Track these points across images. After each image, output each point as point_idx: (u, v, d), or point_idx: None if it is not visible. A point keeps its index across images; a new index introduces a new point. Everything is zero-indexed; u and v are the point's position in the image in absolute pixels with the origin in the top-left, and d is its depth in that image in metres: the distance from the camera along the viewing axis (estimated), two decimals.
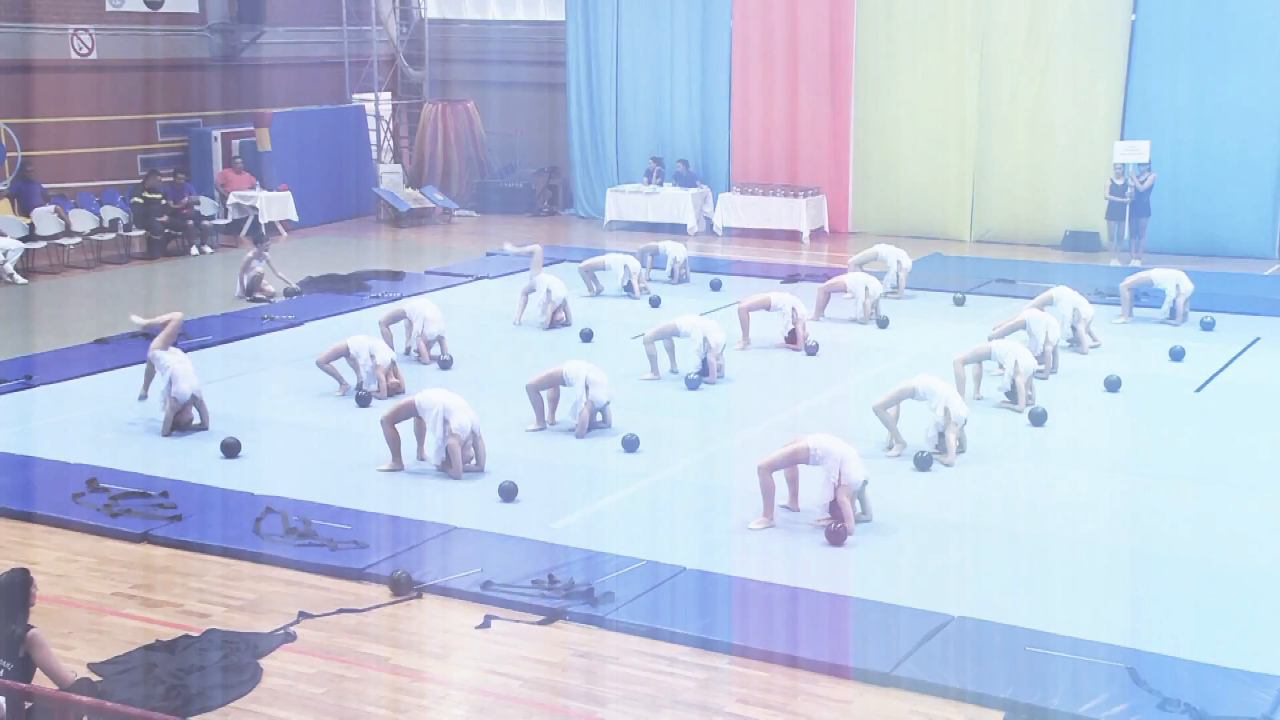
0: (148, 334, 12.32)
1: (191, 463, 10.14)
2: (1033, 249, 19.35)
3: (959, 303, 15.67)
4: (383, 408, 10.77)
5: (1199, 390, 12.16)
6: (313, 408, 11.58)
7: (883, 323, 14.42)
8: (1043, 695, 6.56)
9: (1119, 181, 18.25)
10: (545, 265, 18.28)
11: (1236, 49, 18.31)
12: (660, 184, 21.76)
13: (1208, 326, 14.33)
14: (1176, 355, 13.07)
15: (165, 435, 10.68)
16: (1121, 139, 18.76)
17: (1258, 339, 13.95)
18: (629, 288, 16.14)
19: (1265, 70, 18.27)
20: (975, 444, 10.38)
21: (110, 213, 19.25)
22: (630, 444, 10.44)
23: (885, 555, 8.45)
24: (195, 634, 7.32)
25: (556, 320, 14.39)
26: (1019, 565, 8.29)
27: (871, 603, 7.62)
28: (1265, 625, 7.44)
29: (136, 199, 19.30)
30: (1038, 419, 11.03)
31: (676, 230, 21.27)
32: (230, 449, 10.32)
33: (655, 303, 15.70)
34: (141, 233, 19.24)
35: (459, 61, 24.42)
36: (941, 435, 10.10)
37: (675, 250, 17.01)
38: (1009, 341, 11.85)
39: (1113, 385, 12.00)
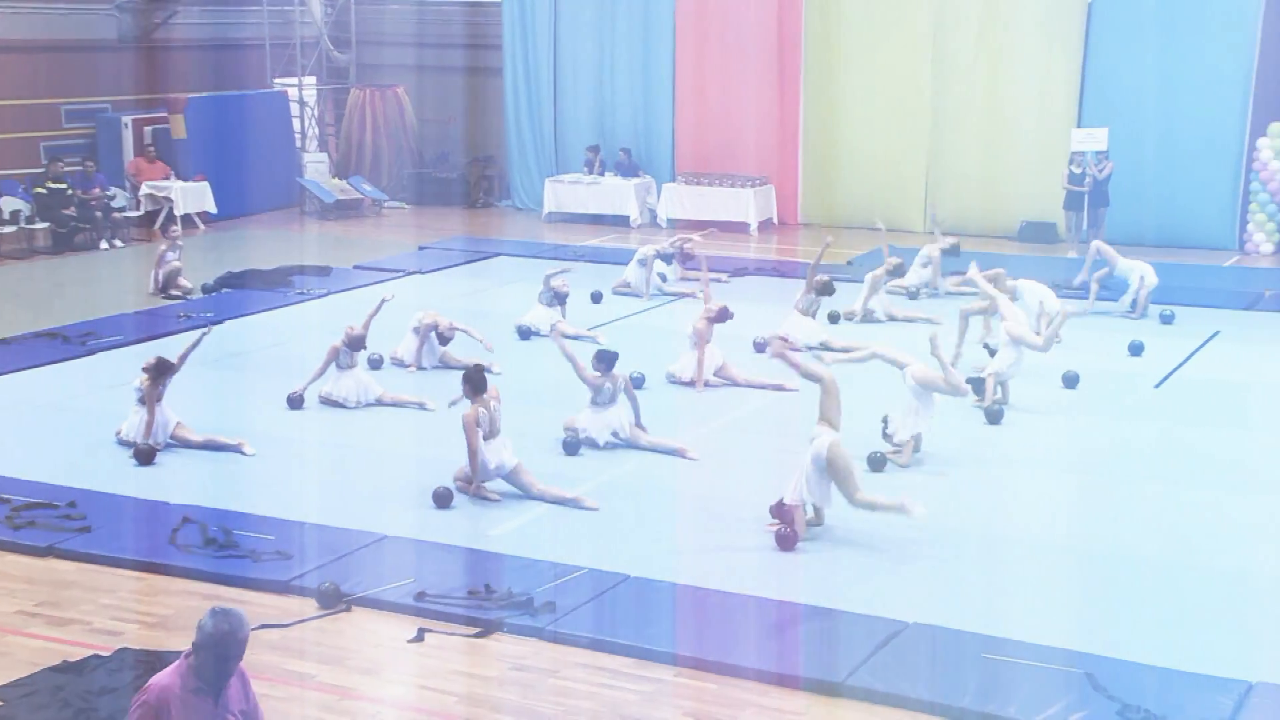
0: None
1: (102, 471, 9.98)
2: (988, 240, 19.56)
3: (912, 296, 15.81)
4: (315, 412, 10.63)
5: (1158, 386, 12.38)
6: (234, 411, 11.45)
7: (833, 318, 14.51)
8: (1000, 703, 6.64)
9: (1077, 170, 18.51)
10: (479, 259, 18.27)
11: (1197, 32, 18.64)
12: (601, 174, 21.77)
13: (1167, 320, 14.60)
14: (1136, 350, 13.30)
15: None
16: (1079, 126, 19.03)
17: (1218, 333, 14.22)
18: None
19: (1227, 54, 18.60)
20: (928, 444, 10.46)
21: (11, 204, 18.91)
22: (570, 447, 10.44)
23: (837, 561, 8.51)
24: (106, 654, 7.20)
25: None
26: (975, 569, 8.38)
27: (823, 610, 7.67)
28: (1227, 628, 7.58)
29: (40, 189, 18.96)
30: (994, 417, 11.17)
31: (619, 222, 21.32)
32: (144, 455, 10.17)
33: (596, 298, 15.71)
34: (46, 225, 18.92)
35: (388, 45, 24.23)
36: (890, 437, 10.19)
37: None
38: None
39: (1071, 382, 12.17)
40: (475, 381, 9.50)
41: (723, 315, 12.22)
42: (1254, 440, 10.87)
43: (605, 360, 10.47)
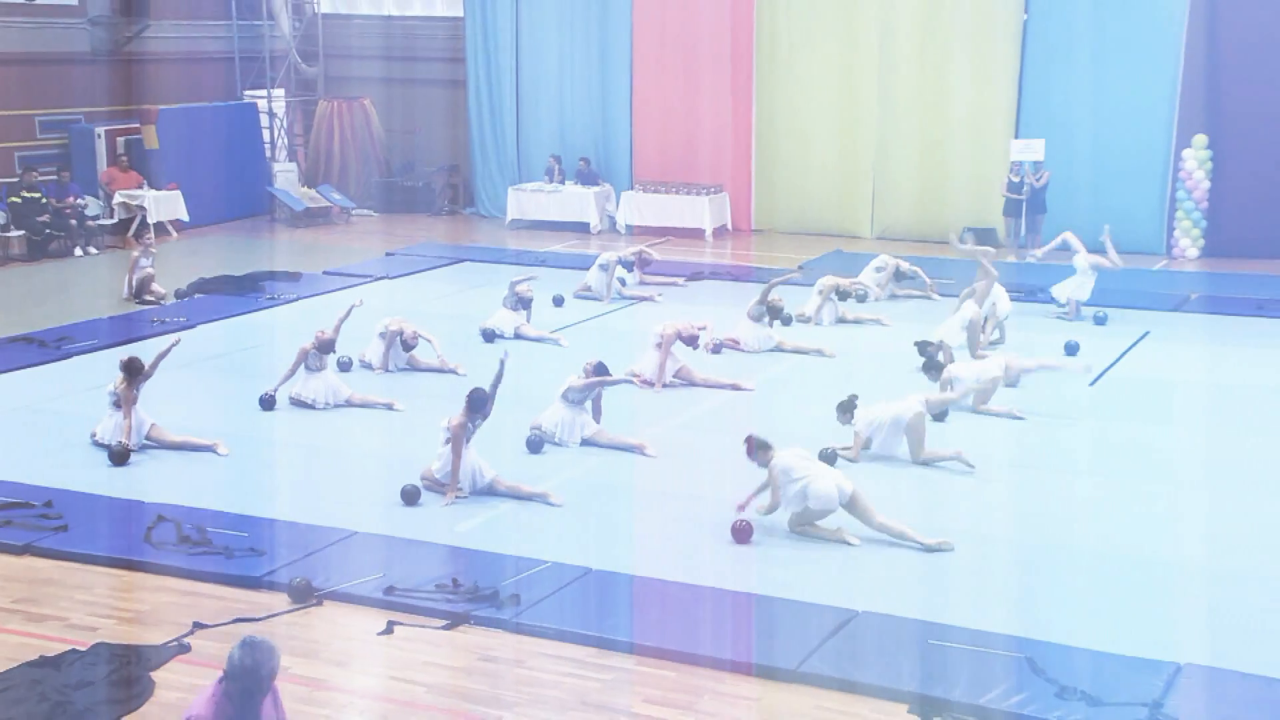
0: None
1: (77, 471, 9.87)
2: (931, 245, 19.71)
3: (861, 299, 15.91)
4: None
5: (1093, 384, 12.52)
6: (208, 412, 11.35)
7: (785, 320, 14.56)
8: (946, 687, 6.70)
9: (1016, 179, 18.73)
10: (445, 265, 18.22)
11: (1126, 49, 18.90)
12: (562, 182, 21.77)
13: (1100, 321, 14.79)
14: (1071, 350, 13.45)
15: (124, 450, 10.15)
16: (1016, 137, 19.25)
17: (1147, 333, 14.42)
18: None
19: (1153, 71, 18.89)
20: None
21: None
22: (534, 445, 10.43)
23: (790, 552, 8.55)
24: (82, 648, 7.13)
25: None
26: (920, 560, 8.44)
27: (777, 600, 7.71)
28: (1156, 613, 7.69)
29: (15, 199, 18.73)
30: (939, 415, 11.26)
31: (579, 228, 21.32)
32: (119, 456, 10.06)
33: (558, 302, 15.71)
34: (21, 233, 18.68)
35: (355, 58, 24.11)
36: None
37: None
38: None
39: (1010, 380, 12.28)
40: (475, 402, 9.42)
41: (691, 341, 12.36)
42: (1180, 436, 11.03)
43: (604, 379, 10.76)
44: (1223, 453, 10.51)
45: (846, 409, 10.29)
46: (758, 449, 8.79)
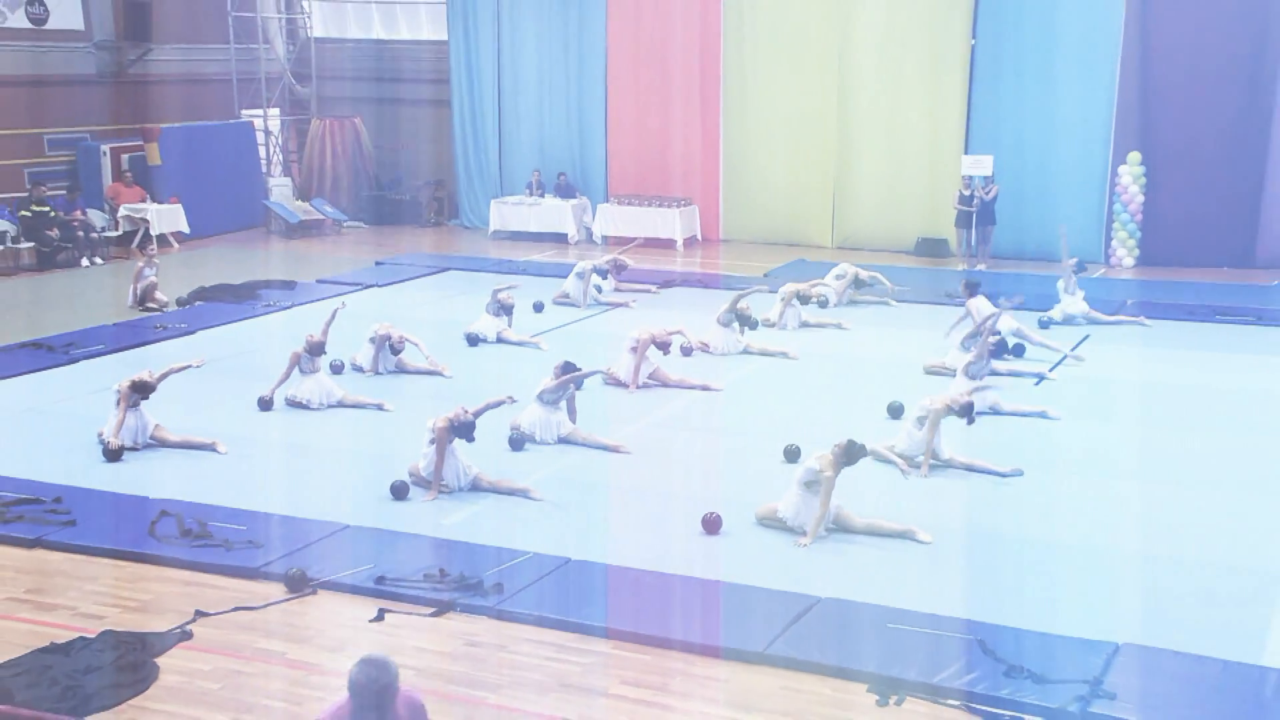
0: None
1: (85, 469, 9.80)
2: (887, 254, 19.83)
3: (822, 305, 15.96)
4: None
5: (1038, 384, 12.61)
6: (208, 413, 11.29)
7: (752, 325, 14.59)
8: (903, 668, 6.74)
9: (966, 192, 18.85)
10: (431, 273, 18.16)
11: (1066, 72, 19.05)
12: (541, 195, 21.76)
13: (1045, 325, 14.90)
14: (1018, 351, 13.54)
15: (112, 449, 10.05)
16: (966, 153, 19.38)
17: (1087, 336, 14.54)
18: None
19: (1091, 93, 19.04)
20: (831, 438, 10.52)
21: None
22: (515, 444, 10.42)
23: (756, 543, 8.57)
24: (90, 635, 7.09)
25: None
26: (878, 550, 8.48)
27: (744, 587, 7.73)
28: (1097, 597, 7.75)
29: (24, 212, 18.57)
30: (895, 412, 11.31)
31: (558, 239, 21.31)
32: (111, 454, 9.96)
33: (538, 308, 15.69)
34: (31, 245, 18.53)
35: (346, 79, 24.04)
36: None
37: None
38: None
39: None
40: (461, 428, 9.32)
41: (664, 347, 12.35)
42: (1118, 430, 11.12)
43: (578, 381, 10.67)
44: (1157, 446, 10.61)
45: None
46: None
